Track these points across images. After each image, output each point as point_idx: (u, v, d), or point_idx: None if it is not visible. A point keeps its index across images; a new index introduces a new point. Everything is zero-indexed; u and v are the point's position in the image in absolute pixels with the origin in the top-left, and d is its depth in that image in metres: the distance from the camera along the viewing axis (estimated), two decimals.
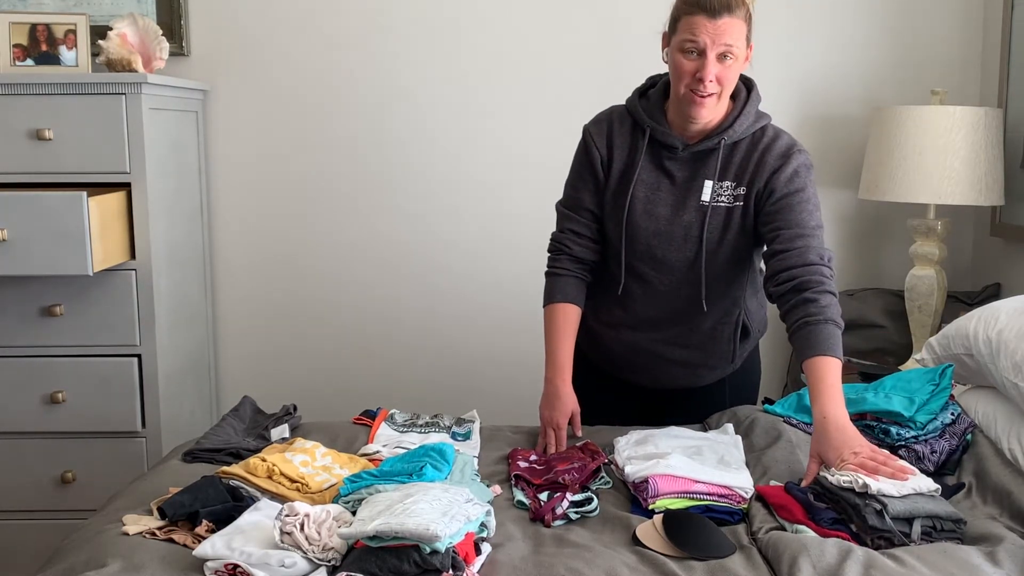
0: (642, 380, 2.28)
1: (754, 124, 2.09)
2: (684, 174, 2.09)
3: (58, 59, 2.84)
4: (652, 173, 2.10)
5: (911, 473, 1.70)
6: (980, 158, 2.75)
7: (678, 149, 2.08)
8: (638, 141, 2.11)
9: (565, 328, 2.16)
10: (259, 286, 3.31)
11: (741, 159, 2.07)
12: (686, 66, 1.98)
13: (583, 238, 2.19)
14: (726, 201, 2.07)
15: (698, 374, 2.26)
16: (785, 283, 1.97)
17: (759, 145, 2.07)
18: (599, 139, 2.14)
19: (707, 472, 1.83)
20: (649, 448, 1.97)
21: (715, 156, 2.06)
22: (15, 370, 2.77)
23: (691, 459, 1.89)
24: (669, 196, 2.10)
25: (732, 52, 1.96)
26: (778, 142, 2.07)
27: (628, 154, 2.12)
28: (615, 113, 2.18)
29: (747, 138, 2.08)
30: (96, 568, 1.54)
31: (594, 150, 2.14)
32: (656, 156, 2.10)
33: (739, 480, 1.84)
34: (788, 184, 2.02)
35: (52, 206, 2.48)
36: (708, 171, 2.07)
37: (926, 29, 3.16)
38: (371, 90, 3.22)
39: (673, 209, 2.09)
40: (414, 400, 3.07)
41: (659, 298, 2.17)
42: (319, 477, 1.87)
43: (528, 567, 1.56)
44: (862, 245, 3.27)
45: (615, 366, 2.28)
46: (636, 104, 2.14)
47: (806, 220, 2.00)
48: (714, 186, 2.06)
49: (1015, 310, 2.08)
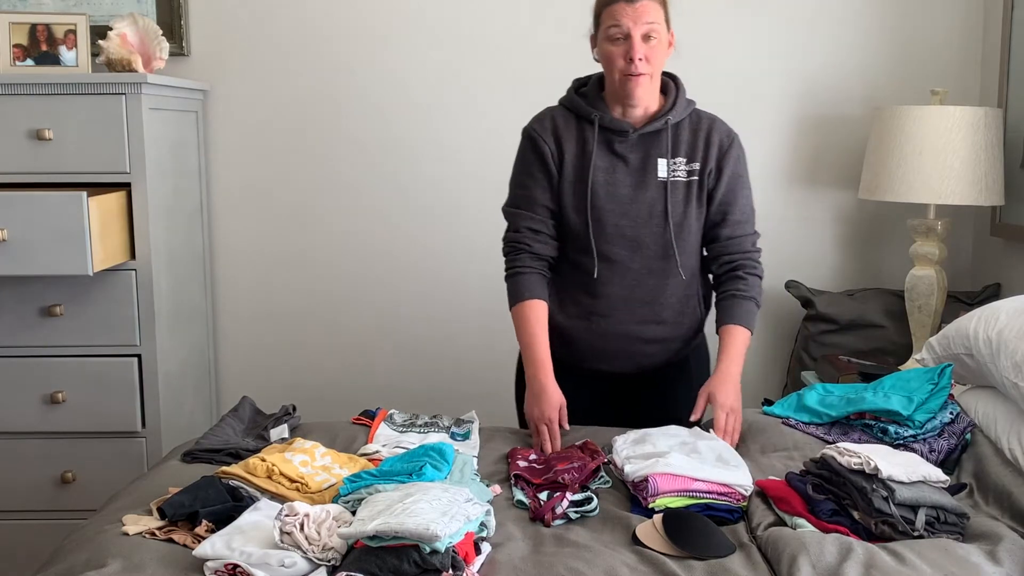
0: (617, 366, 2.30)
1: (688, 107, 2.25)
2: (637, 155, 2.19)
3: (58, 59, 2.84)
4: (606, 159, 2.19)
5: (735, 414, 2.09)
6: (980, 158, 2.75)
7: (628, 133, 2.18)
8: (586, 132, 2.21)
9: (539, 324, 2.22)
10: (259, 286, 3.31)
11: (688, 138, 2.22)
12: (616, 51, 2.12)
13: (540, 234, 2.24)
14: (683, 176, 2.20)
15: (672, 348, 2.31)
16: (727, 264, 2.26)
17: (702, 123, 2.24)
18: (546, 135, 2.22)
19: (706, 470, 1.83)
20: (647, 447, 1.97)
21: (663, 135, 2.19)
22: (15, 370, 2.77)
23: (689, 457, 1.89)
24: (627, 177, 2.19)
25: (655, 32, 2.11)
26: (716, 123, 2.26)
27: (579, 145, 2.21)
28: (554, 111, 2.27)
29: (686, 119, 2.23)
30: (96, 568, 1.54)
31: (543, 146, 2.22)
32: (607, 142, 2.20)
33: (738, 478, 1.84)
34: (735, 167, 2.24)
35: (52, 206, 2.48)
36: (659, 150, 2.19)
37: (926, 29, 3.16)
38: (371, 90, 3.21)
39: (633, 188, 2.19)
40: (413, 400, 3.07)
41: (631, 277, 2.22)
42: (319, 477, 1.87)
43: (528, 567, 1.56)
44: (862, 245, 3.27)
45: (588, 358, 2.29)
46: (575, 99, 2.24)
47: (746, 207, 2.27)
48: (668, 163, 2.18)
49: (1015, 310, 2.08)
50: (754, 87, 3.19)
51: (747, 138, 3.21)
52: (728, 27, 3.17)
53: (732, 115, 3.17)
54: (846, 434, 2.11)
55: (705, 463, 1.88)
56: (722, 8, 3.16)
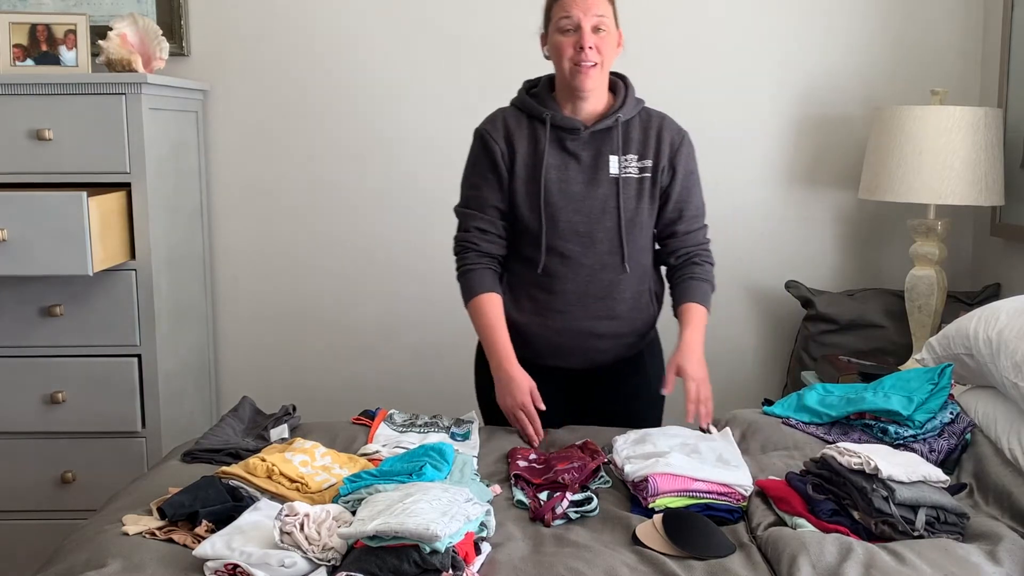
0: (573, 362, 2.31)
1: (637, 105, 2.28)
2: (589, 153, 2.22)
3: (58, 59, 2.84)
4: (558, 156, 2.22)
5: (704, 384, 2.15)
6: (980, 158, 2.75)
7: (579, 131, 2.21)
8: (538, 131, 2.24)
9: (496, 316, 2.25)
10: (259, 286, 3.31)
11: (639, 135, 2.25)
12: (566, 42, 2.16)
13: (489, 234, 2.27)
14: (635, 172, 2.23)
15: (626, 343, 2.32)
16: (683, 255, 2.31)
17: (652, 121, 2.27)
18: (497, 136, 2.25)
19: (706, 470, 1.83)
20: (648, 447, 1.97)
21: (614, 133, 2.23)
22: (15, 370, 2.77)
23: (690, 457, 1.89)
24: (579, 174, 2.22)
25: (604, 24, 2.16)
26: (666, 120, 2.30)
27: (531, 144, 2.24)
28: (506, 112, 2.31)
29: (636, 117, 2.27)
30: (96, 568, 1.54)
31: (494, 146, 2.25)
32: (559, 141, 2.23)
33: (738, 478, 1.84)
34: (687, 164, 2.28)
35: (52, 206, 2.48)
36: (610, 147, 2.22)
37: (926, 29, 3.16)
38: (371, 90, 3.22)
39: (585, 185, 2.21)
40: (413, 400, 3.07)
41: (584, 273, 2.23)
42: (319, 477, 1.87)
43: (528, 567, 1.56)
44: (862, 245, 3.27)
45: (544, 354, 2.30)
46: (526, 99, 2.28)
47: (699, 203, 2.32)
48: (620, 160, 2.22)
49: (1015, 310, 2.08)
50: (754, 87, 3.19)
51: (747, 138, 3.24)
52: (728, 27, 3.17)
53: (732, 115, 3.20)
54: (846, 434, 2.11)
55: (705, 463, 1.88)
56: (722, 8, 3.16)
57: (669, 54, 3.17)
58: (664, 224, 2.29)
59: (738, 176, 3.22)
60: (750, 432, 2.18)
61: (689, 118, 3.19)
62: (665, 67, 3.17)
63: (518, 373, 2.20)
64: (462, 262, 2.30)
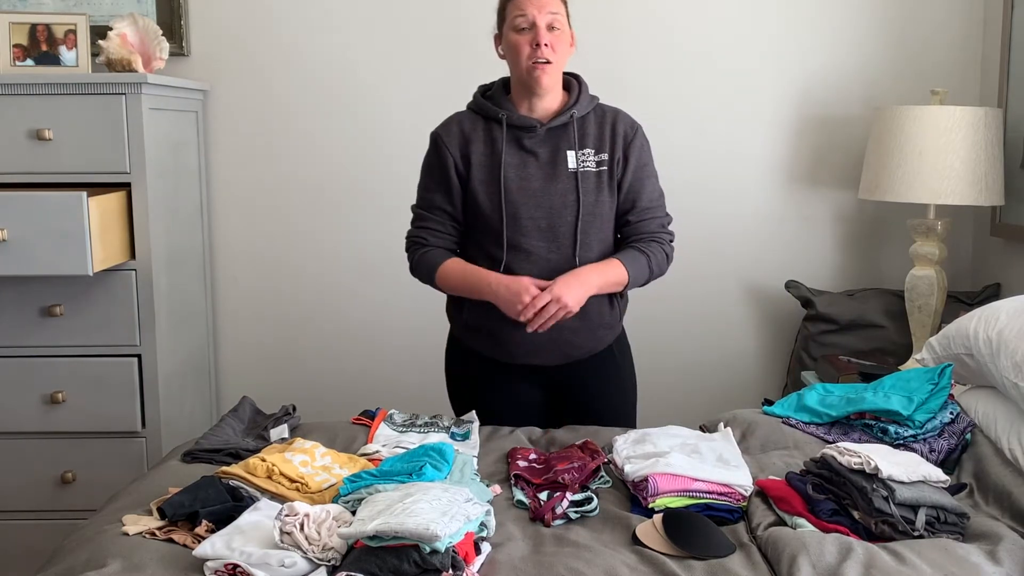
0: (546, 358, 2.30)
1: (592, 102, 2.32)
2: (546, 149, 2.26)
3: (58, 59, 2.84)
4: (516, 155, 2.26)
5: (564, 310, 2.12)
6: (980, 158, 2.75)
7: (535, 128, 2.25)
8: (494, 132, 2.27)
9: (469, 265, 2.26)
10: (259, 286, 3.31)
11: (594, 130, 2.28)
12: (522, 40, 2.21)
13: (440, 234, 2.31)
14: (592, 166, 2.26)
15: (598, 336, 2.32)
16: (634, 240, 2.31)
17: (607, 116, 2.31)
18: (450, 140, 2.29)
19: (706, 470, 1.83)
20: (648, 447, 1.97)
21: (569, 128, 2.26)
22: (15, 370, 2.77)
23: (690, 457, 1.89)
24: (538, 171, 2.25)
25: (558, 23, 2.21)
26: (620, 114, 2.33)
27: (487, 145, 2.27)
28: (462, 116, 2.34)
29: (591, 112, 2.30)
30: (96, 568, 1.54)
31: (446, 152, 2.29)
32: (516, 140, 2.26)
33: (738, 478, 1.84)
34: (639, 156, 2.30)
35: (52, 206, 2.48)
36: (567, 143, 2.26)
37: (926, 29, 3.16)
38: (370, 90, 3.22)
39: (544, 181, 2.24)
40: (413, 400, 3.07)
41: (549, 267, 2.22)
42: (319, 477, 1.87)
43: (528, 567, 1.56)
44: (862, 245, 3.27)
45: (518, 354, 2.30)
46: (482, 102, 2.31)
47: (654, 194, 2.33)
48: (577, 155, 2.25)
49: (1015, 310, 2.08)
50: (754, 87, 3.19)
51: (747, 138, 3.24)
52: (728, 27, 3.17)
53: (732, 115, 3.21)
54: (846, 434, 2.11)
55: (705, 463, 1.88)
56: (722, 8, 3.16)
57: (669, 55, 3.17)
58: (619, 214, 2.31)
59: (738, 176, 3.22)
60: (750, 432, 2.18)
61: (689, 118, 3.21)
62: (665, 67, 3.17)
63: (507, 280, 2.18)
64: (412, 254, 2.33)
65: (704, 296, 3.27)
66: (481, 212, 2.26)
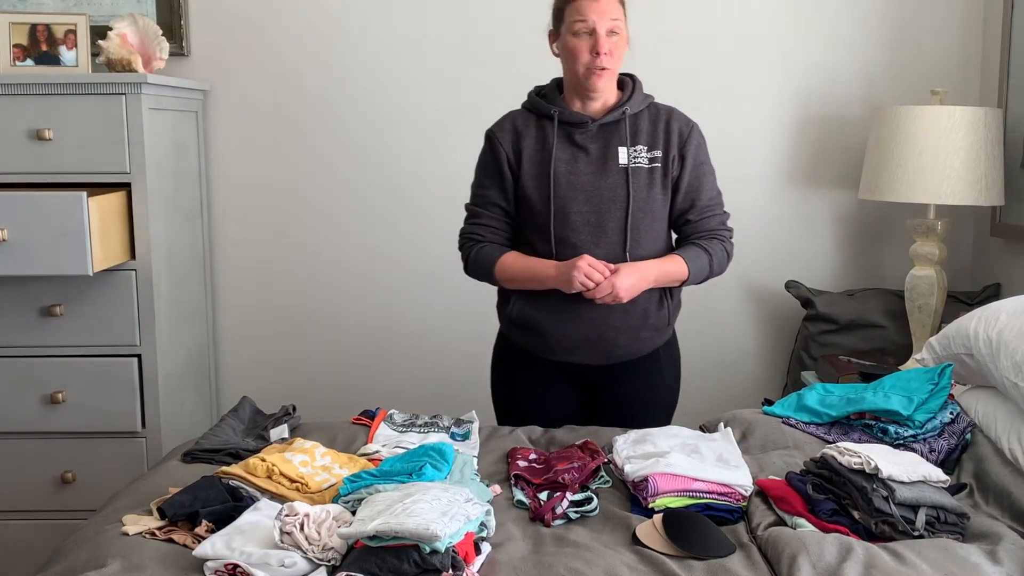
0: (588, 357, 2.30)
1: (646, 100, 2.31)
2: (597, 145, 2.26)
3: (58, 59, 2.84)
4: (567, 151, 2.26)
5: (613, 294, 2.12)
6: (980, 158, 2.75)
7: (587, 124, 2.25)
8: (546, 128, 2.28)
9: (524, 257, 2.26)
10: (259, 286, 3.31)
11: (647, 127, 2.28)
12: (581, 45, 2.19)
13: (494, 231, 2.31)
14: (644, 163, 2.25)
15: (641, 339, 2.31)
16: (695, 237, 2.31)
17: (660, 114, 2.31)
18: (503, 136, 2.30)
19: (706, 470, 1.83)
20: (648, 447, 1.97)
21: (622, 125, 2.26)
22: (15, 370, 2.77)
23: (690, 458, 1.89)
24: (588, 166, 2.25)
25: (618, 26, 2.20)
26: (675, 112, 2.32)
27: (539, 141, 2.28)
28: (515, 114, 2.35)
29: (644, 110, 2.30)
30: (96, 568, 1.54)
31: (499, 148, 2.29)
32: (568, 135, 2.27)
33: (738, 478, 1.84)
34: (696, 154, 2.29)
35: (52, 206, 2.48)
36: (619, 139, 2.25)
37: (926, 29, 3.16)
38: (371, 90, 3.21)
39: (594, 176, 2.24)
40: (413, 400, 3.07)
41: None
42: (319, 477, 1.88)
43: (528, 567, 1.56)
44: (862, 245, 3.27)
45: (558, 350, 2.30)
46: (535, 99, 2.32)
47: (712, 192, 2.32)
48: (628, 151, 2.24)
49: (1015, 310, 2.08)
50: (754, 87, 3.19)
51: (747, 138, 3.24)
52: (728, 27, 3.17)
53: (732, 115, 3.20)
54: (846, 434, 2.11)
55: (705, 463, 1.88)
56: (722, 8, 3.16)
57: (669, 54, 3.17)
58: (677, 214, 2.31)
59: (738, 176, 3.21)
60: (750, 432, 2.18)
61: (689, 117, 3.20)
62: (665, 66, 3.17)
63: (563, 264, 2.18)
64: (466, 252, 2.33)
65: (704, 296, 3.27)
66: (531, 207, 2.26)
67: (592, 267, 2.13)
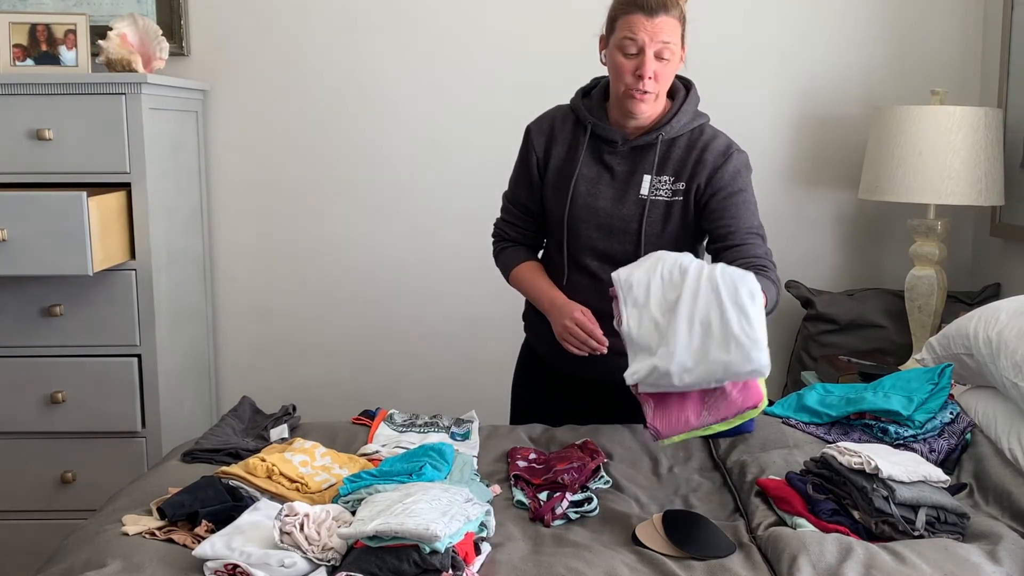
0: (593, 373, 2.26)
1: (691, 122, 2.16)
2: (624, 168, 2.15)
3: (58, 59, 2.84)
4: (592, 168, 2.17)
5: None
6: (980, 158, 2.75)
7: (617, 144, 2.15)
8: (579, 137, 2.18)
9: (539, 276, 2.22)
10: (259, 286, 3.31)
11: (680, 155, 2.14)
12: (626, 64, 2.05)
13: (518, 229, 2.30)
14: (665, 195, 2.13)
15: None
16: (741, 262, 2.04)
17: (698, 143, 2.14)
18: (538, 138, 2.22)
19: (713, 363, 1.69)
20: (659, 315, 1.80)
21: (653, 151, 2.13)
22: (15, 370, 2.77)
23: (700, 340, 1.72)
24: (609, 190, 2.15)
25: (669, 50, 2.04)
26: (716, 141, 2.15)
27: (568, 150, 2.19)
28: (559, 111, 2.25)
29: (685, 135, 2.15)
30: (96, 568, 1.54)
31: (531, 147, 2.23)
32: (597, 151, 2.17)
33: (753, 361, 1.69)
34: (732, 183, 2.12)
35: (52, 206, 2.48)
36: (646, 166, 2.14)
37: (926, 29, 3.16)
38: (371, 90, 3.22)
39: (613, 202, 2.15)
40: (413, 400, 3.07)
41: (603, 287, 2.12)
42: (318, 477, 1.87)
43: (528, 567, 1.56)
44: (862, 245, 3.27)
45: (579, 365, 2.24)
46: (579, 103, 2.21)
47: (751, 221, 2.12)
48: (652, 180, 2.13)
49: (1015, 310, 2.08)
50: (754, 87, 3.19)
51: (747, 138, 3.21)
52: (728, 27, 3.17)
53: (732, 115, 3.19)
54: (846, 434, 2.11)
55: (712, 338, 1.70)
56: (722, 8, 3.16)
57: None
58: (712, 242, 2.16)
59: None
60: (749, 434, 2.17)
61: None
62: None
63: (561, 300, 2.11)
64: (497, 247, 2.34)
65: None
66: (550, 216, 2.22)
67: (581, 327, 2.02)
